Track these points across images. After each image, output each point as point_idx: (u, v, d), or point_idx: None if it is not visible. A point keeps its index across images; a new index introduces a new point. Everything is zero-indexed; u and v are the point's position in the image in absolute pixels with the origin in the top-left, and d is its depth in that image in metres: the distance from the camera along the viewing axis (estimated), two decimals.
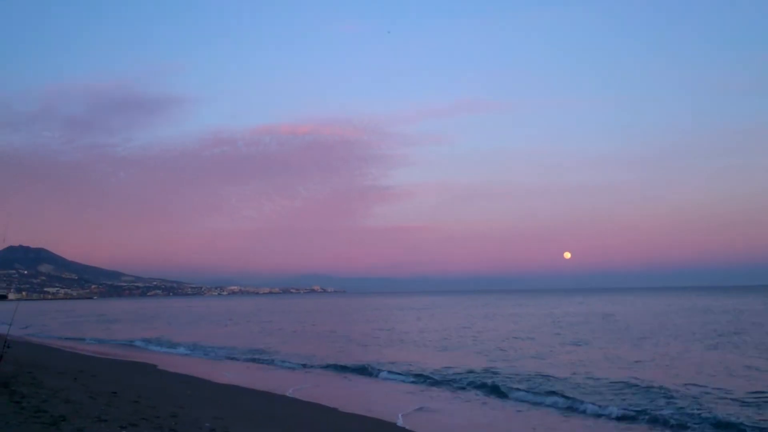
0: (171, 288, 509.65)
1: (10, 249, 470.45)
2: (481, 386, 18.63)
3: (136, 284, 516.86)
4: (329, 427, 13.25)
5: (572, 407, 15.72)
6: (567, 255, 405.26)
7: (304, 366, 24.96)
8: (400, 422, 13.95)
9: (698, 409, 14.69)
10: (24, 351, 26.74)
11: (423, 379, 20.71)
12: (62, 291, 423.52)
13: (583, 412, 15.31)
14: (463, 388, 18.84)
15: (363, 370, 23.02)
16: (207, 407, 14.29)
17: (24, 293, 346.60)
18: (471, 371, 21.93)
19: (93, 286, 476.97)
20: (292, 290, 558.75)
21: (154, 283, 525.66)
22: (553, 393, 17.26)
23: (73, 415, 11.41)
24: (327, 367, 24.16)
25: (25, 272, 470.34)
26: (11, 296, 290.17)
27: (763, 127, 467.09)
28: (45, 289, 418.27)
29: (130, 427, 10.67)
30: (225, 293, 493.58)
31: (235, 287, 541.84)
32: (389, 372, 22.23)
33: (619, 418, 14.39)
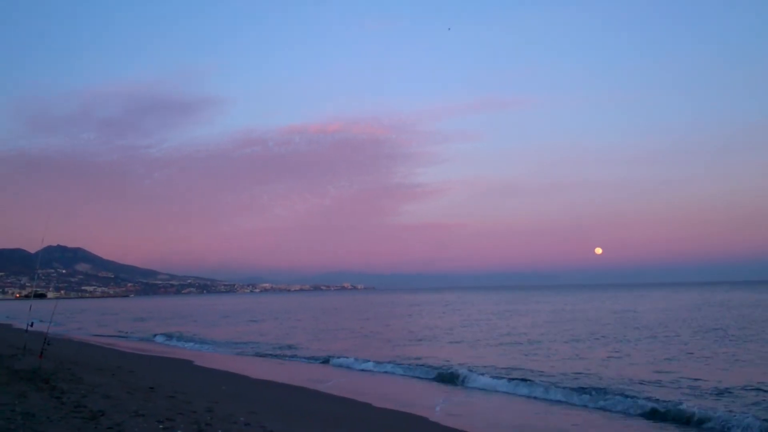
0: (204, 286, 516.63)
1: (49, 249, 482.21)
2: (513, 380, 18.37)
3: (170, 282, 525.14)
4: (363, 422, 13.24)
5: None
6: (598, 250, 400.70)
7: (337, 362, 25.00)
8: (433, 417, 13.89)
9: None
10: (63, 348, 27.33)
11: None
12: (99, 289, 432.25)
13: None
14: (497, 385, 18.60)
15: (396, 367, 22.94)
16: (241, 402, 14.42)
17: (62, 292, 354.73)
18: (516, 368, 21.73)
19: (129, 285, 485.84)
20: (322, 287, 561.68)
21: (189, 281, 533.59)
22: (584, 390, 16.97)
23: (112, 410, 11.60)
24: (361, 366, 24.06)
25: (63, 271, 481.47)
26: (50, 295, 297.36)
27: None
28: (82, 288, 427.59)
29: (166, 421, 10.80)
30: (257, 290, 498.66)
31: (267, 285, 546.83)
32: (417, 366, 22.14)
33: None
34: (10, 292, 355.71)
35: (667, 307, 65.08)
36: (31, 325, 21.63)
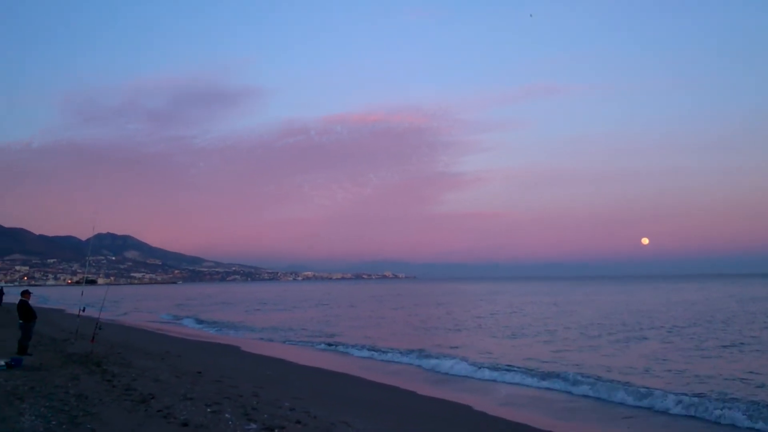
0: (249, 273, 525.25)
1: (99, 236, 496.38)
2: (549, 376, 17.96)
3: (216, 269, 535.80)
4: (407, 410, 13.20)
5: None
6: (645, 241, 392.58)
7: (380, 350, 25.02)
8: (478, 406, 13.77)
9: None
10: (113, 332, 28.08)
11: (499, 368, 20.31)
12: (147, 276, 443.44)
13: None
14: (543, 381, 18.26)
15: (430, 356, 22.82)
16: (286, 388, 14.53)
17: (112, 278, 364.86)
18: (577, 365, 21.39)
19: (176, 272, 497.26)
20: (364, 276, 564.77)
21: (233, 268, 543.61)
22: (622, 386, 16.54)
23: (161, 393, 11.83)
24: (405, 353, 23.97)
25: (113, 258, 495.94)
26: (100, 281, 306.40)
27: None
28: (131, 275, 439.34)
29: (214, 405, 10.94)
30: (299, 278, 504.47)
31: (309, 273, 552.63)
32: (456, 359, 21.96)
33: None
34: (62, 278, 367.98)
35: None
36: (83, 310, 22.26)
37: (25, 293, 17.85)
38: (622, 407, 14.18)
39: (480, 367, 19.39)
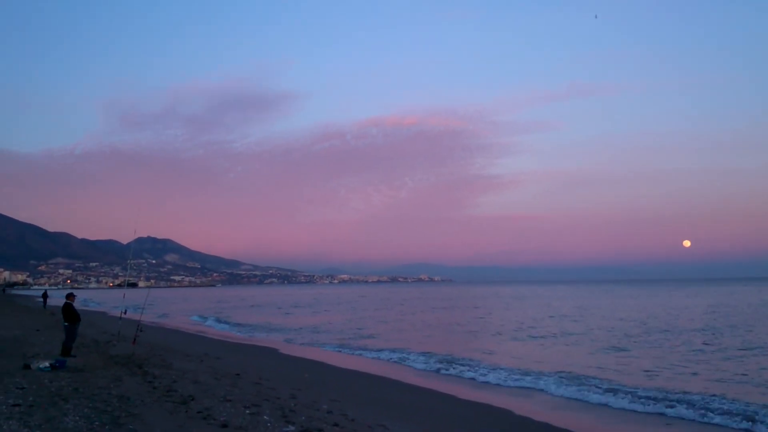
0: (285, 276, 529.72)
1: (140, 240, 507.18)
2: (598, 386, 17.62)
3: (253, 272, 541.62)
4: (446, 414, 13.07)
5: None
6: (686, 243, 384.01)
7: (418, 354, 24.88)
8: (519, 411, 13.57)
9: None
10: (154, 334, 28.54)
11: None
12: (186, 279, 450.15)
13: None
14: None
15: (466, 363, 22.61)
16: (324, 390, 14.54)
17: (152, 281, 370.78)
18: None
19: (214, 275, 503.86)
20: (399, 279, 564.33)
21: (270, 271, 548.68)
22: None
23: (201, 395, 11.93)
24: (442, 360, 23.80)
25: (153, 261, 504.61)
26: (141, 284, 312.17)
27: None
28: (171, 278, 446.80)
29: (252, 407, 11.00)
30: (336, 281, 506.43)
31: (345, 276, 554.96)
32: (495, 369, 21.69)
33: None
34: (104, 281, 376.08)
35: None
36: (125, 313, 22.70)
37: (70, 296, 18.23)
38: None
39: (559, 385, 16.95)
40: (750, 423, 12.50)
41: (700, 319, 41.12)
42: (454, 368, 20.68)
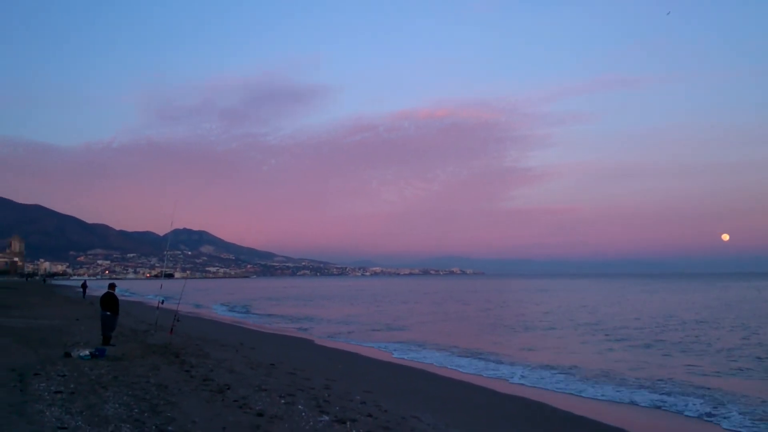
0: (318, 268, 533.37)
1: (176, 231, 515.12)
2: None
3: (287, 264, 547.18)
4: (485, 407, 12.98)
5: None
6: (725, 237, 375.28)
7: (458, 347, 24.80)
8: (557, 405, 13.41)
9: None
10: (190, 324, 28.97)
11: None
12: (221, 270, 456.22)
13: None
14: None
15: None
16: (358, 381, 14.57)
17: (188, 272, 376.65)
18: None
19: (248, 266, 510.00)
20: (431, 271, 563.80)
21: (303, 263, 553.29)
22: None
23: (237, 384, 12.07)
24: (472, 353, 23.70)
25: (189, 253, 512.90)
26: (177, 275, 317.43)
27: None
28: (206, 269, 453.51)
29: (287, 396, 11.08)
30: (368, 273, 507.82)
31: (377, 268, 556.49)
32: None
33: None
34: (141, 272, 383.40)
35: None
36: (162, 303, 23.10)
37: (111, 286, 18.63)
38: None
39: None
40: None
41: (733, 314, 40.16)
42: (485, 362, 20.54)
